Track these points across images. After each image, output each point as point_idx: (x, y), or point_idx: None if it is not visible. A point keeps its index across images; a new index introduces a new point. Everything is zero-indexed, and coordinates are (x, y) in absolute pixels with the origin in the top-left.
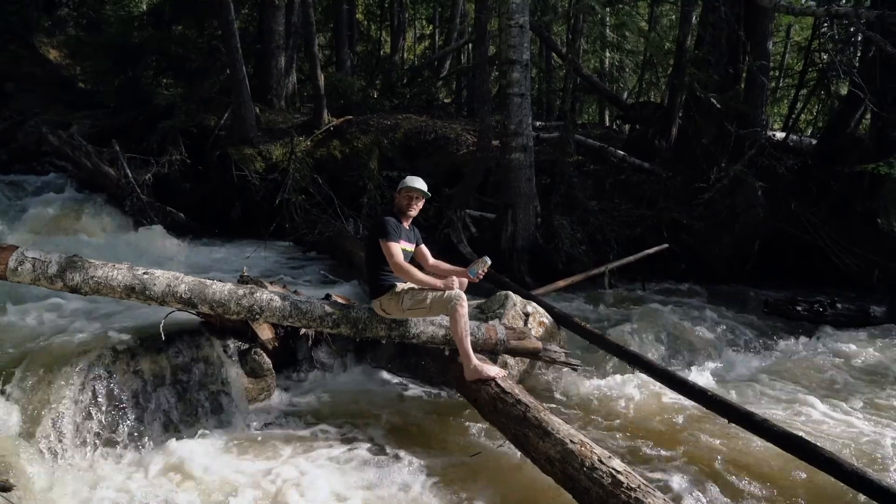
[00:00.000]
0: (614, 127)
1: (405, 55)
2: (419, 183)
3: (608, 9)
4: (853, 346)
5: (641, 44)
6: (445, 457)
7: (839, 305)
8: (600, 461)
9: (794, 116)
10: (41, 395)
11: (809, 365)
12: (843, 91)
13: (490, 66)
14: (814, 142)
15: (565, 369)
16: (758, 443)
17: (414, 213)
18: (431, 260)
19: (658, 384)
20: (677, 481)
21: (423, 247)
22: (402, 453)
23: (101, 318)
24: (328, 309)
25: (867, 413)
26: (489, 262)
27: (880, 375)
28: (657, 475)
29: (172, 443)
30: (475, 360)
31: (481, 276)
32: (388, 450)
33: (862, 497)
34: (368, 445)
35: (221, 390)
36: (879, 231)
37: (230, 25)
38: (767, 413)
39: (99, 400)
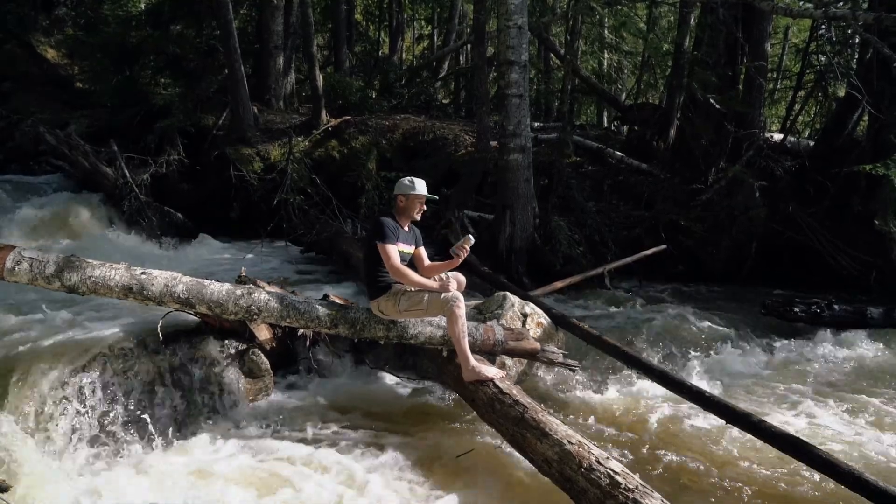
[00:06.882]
0: (612, 128)
1: (404, 56)
2: (426, 189)
3: (607, 10)
4: (851, 348)
5: (640, 45)
6: (444, 457)
7: (836, 307)
8: (598, 462)
9: (791, 118)
10: (39, 397)
11: (807, 366)
12: (841, 93)
13: (488, 67)
14: (811, 143)
15: (564, 370)
16: (755, 444)
17: (419, 217)
18: (427, 262)
19: (656, 385)
20: (675, 482)
21: (421, 249)
22: (399, 454)
23: (99, 319)
24: (326, 309)
25: (865, 414)
26: (473, 241)
27: (878, 377)
28: (655, 476)
29: (170, 443)
30: (473, 360)
31: (464, 253)
32: (386, 450)
33: (859, 499)
34: (366, 446)
35: (219, 390)
36: (877, 232)
37: (228, 25)
38: (765, 414)
39: (97, 401)
